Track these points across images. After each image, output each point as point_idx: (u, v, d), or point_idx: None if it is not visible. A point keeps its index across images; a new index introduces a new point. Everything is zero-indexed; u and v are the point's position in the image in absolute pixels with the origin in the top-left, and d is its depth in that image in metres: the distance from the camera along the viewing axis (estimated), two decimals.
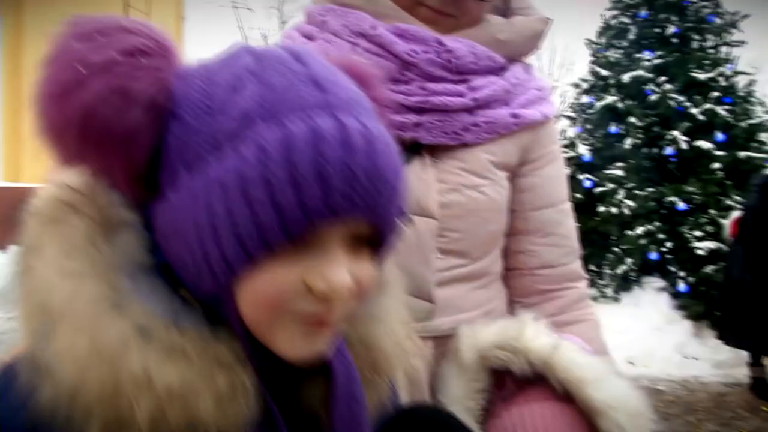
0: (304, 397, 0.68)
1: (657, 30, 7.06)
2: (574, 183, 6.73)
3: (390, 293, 0.76)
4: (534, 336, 0.95)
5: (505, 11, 1.26)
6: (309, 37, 1.18)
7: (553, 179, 1.25)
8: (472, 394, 0.98)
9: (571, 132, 7.14)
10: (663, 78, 6.57)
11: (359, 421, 0.67)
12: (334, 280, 0.57)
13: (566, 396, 0.91)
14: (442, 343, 1.11)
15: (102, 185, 0.61)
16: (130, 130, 0.57)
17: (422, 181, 1.11)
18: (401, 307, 0.76)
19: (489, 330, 0.99)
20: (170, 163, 0.59)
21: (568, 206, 1.27)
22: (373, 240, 0.62)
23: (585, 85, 7.37)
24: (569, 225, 1.27)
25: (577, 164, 6.81)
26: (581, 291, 1.26)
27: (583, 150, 6.78)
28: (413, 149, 1.13)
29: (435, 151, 1.15)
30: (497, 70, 1.18)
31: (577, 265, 1.27)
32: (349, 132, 0.56)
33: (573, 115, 7.44)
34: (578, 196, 6.59)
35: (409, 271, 1.08)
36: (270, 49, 0.62)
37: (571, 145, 6.86)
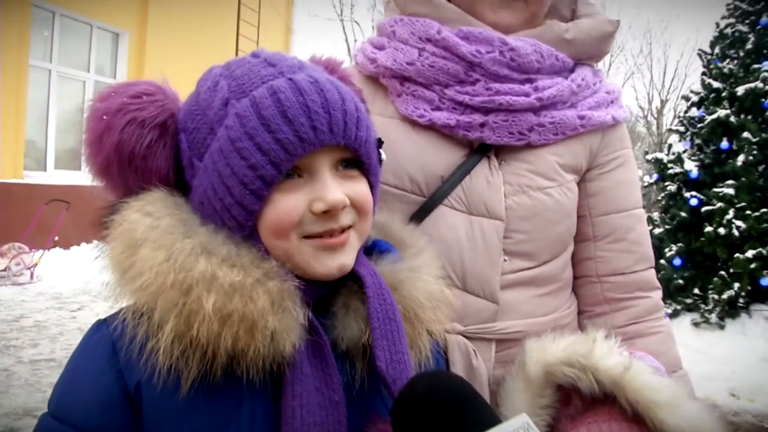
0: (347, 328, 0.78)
1: None
2: (679, 201, 6.39)
3: (424, 254, 0.90)
4: (604, 354, 0.92)
5: (572, 18, 1.25)
6: (379, 48, 1.22)
7: (623, 183, 1.22)
8: (537, 410, 0.96)
9: (679, 147, 6.78)
10: None
11: (396, 325, 0.77)
12: (329, 197, 0.73)
13: (636, 417, 0.88)
14: (506, 345, 1.11)
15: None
16: (150, 146, 0.78)
17: (489, 183, 1.13)
18: (434, 265, 0.89)
19: (557, 345, 0.97)
20: (188, 162, 0.79)
21: (640, 212, 1.24)
22: (358, 164, 0.79)
23: (695, 98, 6.98)
24: (641, 231, 1.23)
25: (683, 181, 6.47)
26: (654, 301, 1.22)
27: (690, 166, 6.43)
28: (481, 150, 1.14)
29: (502, 152, 1.15)
30: (563, 71, 1.18)
31: (650, 274, 1.23)
32: (298, 82, 0.74)
33: (681, 129, 7.06)
34: (683, 214, 6.25)
35: (474, 271, 1.11)
36: (234, 58, 0.83)
37: (677, 161, 6.52)
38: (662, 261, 6.19)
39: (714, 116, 6.31)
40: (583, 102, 1.18)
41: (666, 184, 6.67)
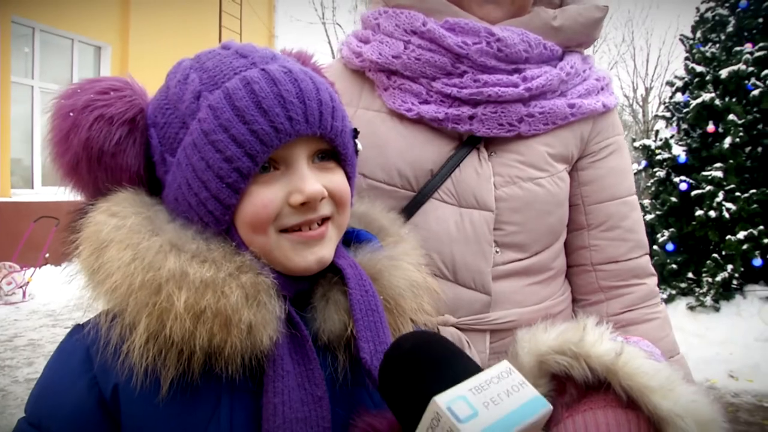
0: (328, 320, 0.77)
1: (759, 20, 6.60)
2: (669, 186, 6.42)
3: (405, 243, 0.88)
4: (596, 341, 0.91)
5: (561, 4, 1.24)
6: (364, 41, 1.21)
7: (616, 171, 1.21)
8: None
9: (666, 132, 6.80)
10: (766, 71, 6.13)
11: (378, 316, 0.75)
12: (307, 189, 0.72)
13: (631, 403, 0.87)
14: (500, 336, 1.10)
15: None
16: (119, 143, 0.76)
17: (479, 175, 1.12)
18: (415, 254, 0.88)
19: (548, 334, 0.96)
20: (160, 158, 0.77)
21: (633, 198, 1.23)
22: (335, 155, 0.78)
23: (679, 83, 7.01)
24: (635, 218, 1.22)
25: (672, 166, 6.49)
26: (650, 288, 1.21)
27: (678, 151, 6.45)
28: (470, 143, 1.13)
29: (492, 144, 1.14)
30: (552, 59, 1.16)
31: (644, 260, 1.22)
32: (272, 72, 0.73)
33: (667, 114, 7.09)
34: (673, 199, 6.28)
35: (465, 263, 1.10)
36: (203, 51, 0.81)
37: (665, 146, 6.54)
38: (655, 247, 6.22)
39: (699, 100, 6.34)
40: (572, 90, 1.17)
41: (655, 170, 6.69)
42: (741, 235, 5.75)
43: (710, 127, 6.24)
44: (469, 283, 1.10)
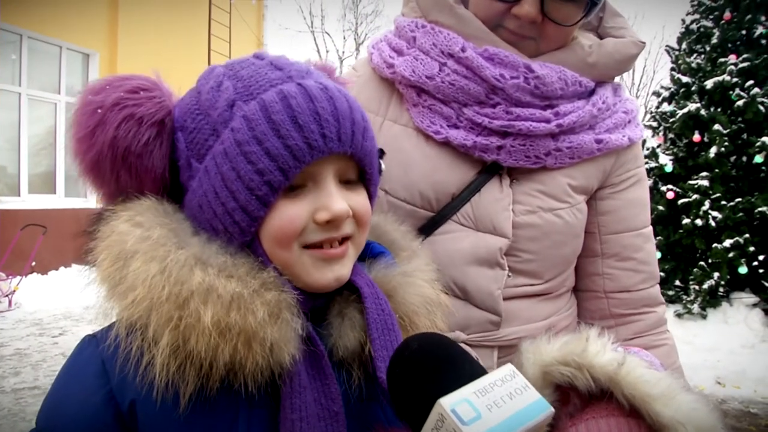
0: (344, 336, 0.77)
1: (743, 32, 6.72)
2: (655, 194, 6.48)
3: (416, 259, 0.89)
4: (598, 351, 0.93)
5: (598, 28, 1.22)
6: (398, 52, 1.18)
7: (634, 203, 1.21)
8: None
9: (653, 142, 6.88)
10: (750, 82, 6.23)
11: (394, 335, 0.76)
12: (333, 207, 0.72)
13: (633, 411, 0.89)
14: (507, 351, 1.12)
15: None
16: (146, 144, 0.75)
17: (498, 201, 1.11)
18: (428, 269, 0.88)
19: (552, 346, 0.97)
20: (185, 163, 0.76)
21: (648, 231, 1.24)
22: (361, 176, 0.78)
23: (665, 93, 7.10)
24: (649, 250, 1.23)
25: (659, 175, 6.56)
26: (659, 315, 1.23)
27: (665, 160, 6.53)
28: (493, 169, 1.13)
29: (514, 171, 1.14)
30: (585, 95, 1.15)
31: (655, 290, 1.23)
32: (309, 88, 0.73)
33: (654, 124, 7.17)
34: (660, 208, 6.34)
35: (477, 285, 1.10)
36: (234, 59, 0.81)
37: (652, 156, 6.62)
38: None
39: (685, 110, 6.42)
40: (601, 124, 1.16)
41: None
42: (727, 243, 5.82)
43: (696, 137, 6.33)
44: (480, 303, 1.11)
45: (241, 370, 0.67)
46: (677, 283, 6.22)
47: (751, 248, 5.77)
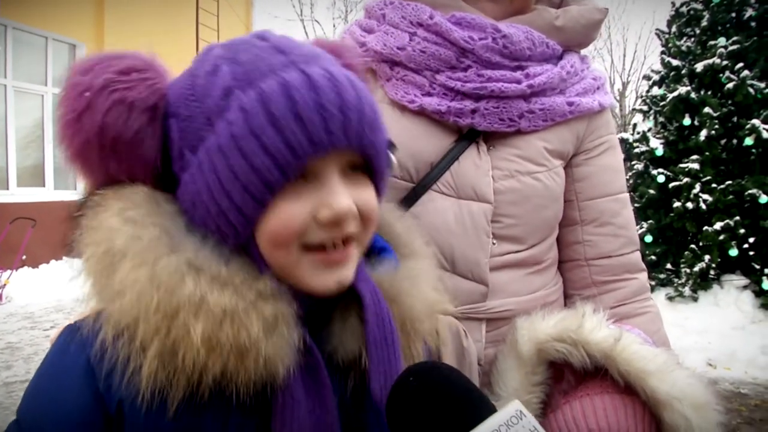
0: (344, 341, 0.73)
1: (732, 15, 6.72)
2: (647, 178, 6.50)
3: (421, 260, 0.83)
4: (594, 328, 0.93)
5: (560, 4, 1.26)
6: (369, 31, 1.22)
7: (609, 168, 1.24)
8: (530, 387, 0.97)
9: (643, 126, 6.89)
10: (740, 65, 6.24)
11: (393, 349, 0.72)
12: (336, 205, 0.66)
13: (627, 388, 0.89)
14: (496, 325, 1.12)
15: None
16: (138, 132, 0.69)
17: (478, 167, 1.13)
18: (431, 273, 0.83)
19: (547, 322, 0.97)
20: (178, 153, 0.70)
21: (625, 196, 1.25)
22: (367, 169, 0.72)
23: (656, 77, 7.10)
24: (627, 215, 1.24)
25: (649, 159, 6.58)
26: (641, 282, 1.23)
27: (656, 144, 6.54)
28: (469, 136, 1.14)
29: (491, 138, 1.16)
30: (553, 58, 1.18)
31: (636, 256, 1.24)
32: (313, 77, 0.65)
33: (644, 108, 7.18)
34: (651, 191, 6.36)
35: (463, 254, 1.11)
36: (235, 38, 0.74)
37: (643, 139, 6.63)
38: None
39: (675, 94, 6.41)
40: (571, 88, 1.19)
41: (633, 163, 6.77)
42: (718, 225, 5.84)
43: (686, 120, 6.34)
44: (467, 274, 1.12)
45: (232, 380, 0.64)
46: (668, 266, 6.25)
47: (742, 231, 5.79)
